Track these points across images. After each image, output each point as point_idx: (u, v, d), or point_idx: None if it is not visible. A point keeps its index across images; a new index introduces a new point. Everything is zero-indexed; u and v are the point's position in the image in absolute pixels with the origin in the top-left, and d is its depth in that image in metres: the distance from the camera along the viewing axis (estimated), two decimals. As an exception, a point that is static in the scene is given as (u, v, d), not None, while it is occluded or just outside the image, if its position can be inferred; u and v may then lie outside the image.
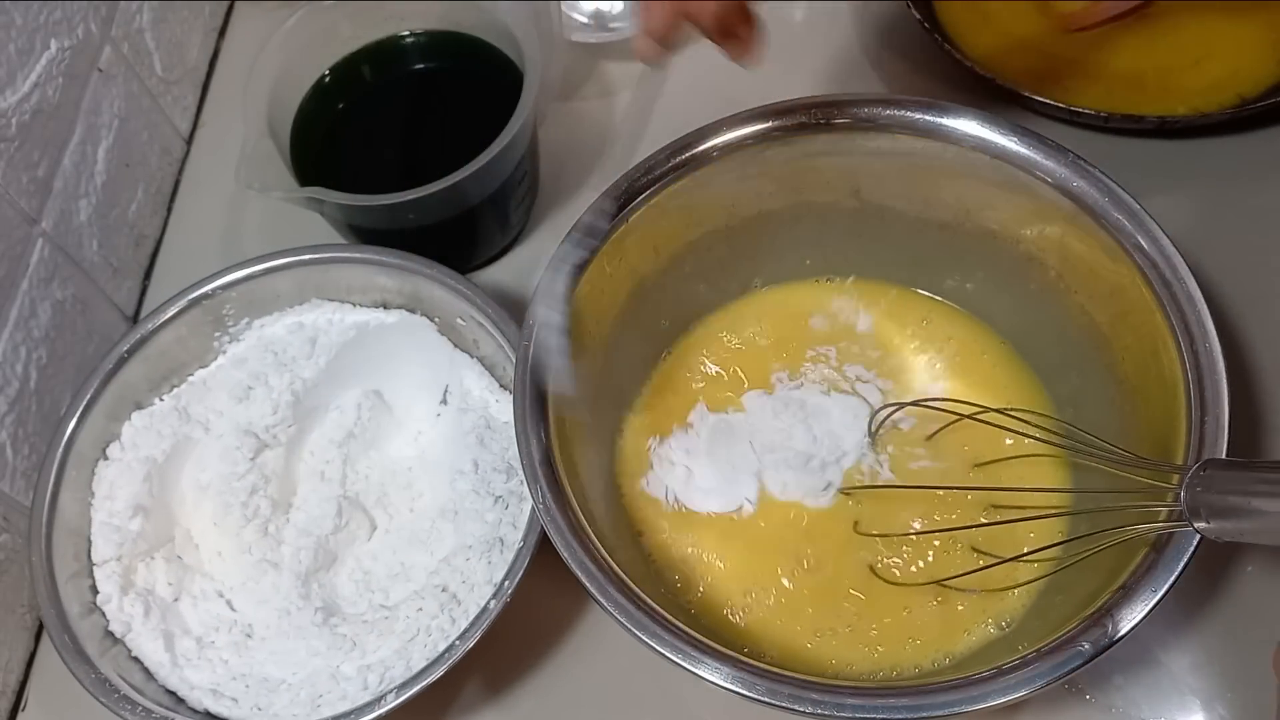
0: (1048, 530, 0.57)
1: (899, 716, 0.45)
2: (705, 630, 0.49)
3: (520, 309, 0.57)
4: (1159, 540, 0.48)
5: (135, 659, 0.58)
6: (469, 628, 0.54)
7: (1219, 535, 0.45)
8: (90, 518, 0.61)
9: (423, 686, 0.53)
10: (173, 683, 0.57)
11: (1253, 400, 0.63)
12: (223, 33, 0.87)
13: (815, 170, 0.61)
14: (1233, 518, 0.45)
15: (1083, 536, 0.53)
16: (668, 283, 0.63)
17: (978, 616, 0.56)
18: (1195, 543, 0.47)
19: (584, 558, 0.50)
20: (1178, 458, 0.50)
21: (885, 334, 0.65)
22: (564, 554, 0.50)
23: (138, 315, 0.76)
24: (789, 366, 0.65)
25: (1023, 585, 0.56)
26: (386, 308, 0.66)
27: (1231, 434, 0.49)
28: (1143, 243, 0.54)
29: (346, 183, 0.64)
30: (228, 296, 0.65)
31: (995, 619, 0.56)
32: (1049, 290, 0.60)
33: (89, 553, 0.60)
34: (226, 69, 0.85)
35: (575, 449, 0.56)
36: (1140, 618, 0.46)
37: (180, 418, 0.63)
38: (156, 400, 0.65)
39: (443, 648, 0.54)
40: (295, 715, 0.56)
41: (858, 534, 0.59)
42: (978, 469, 0.60)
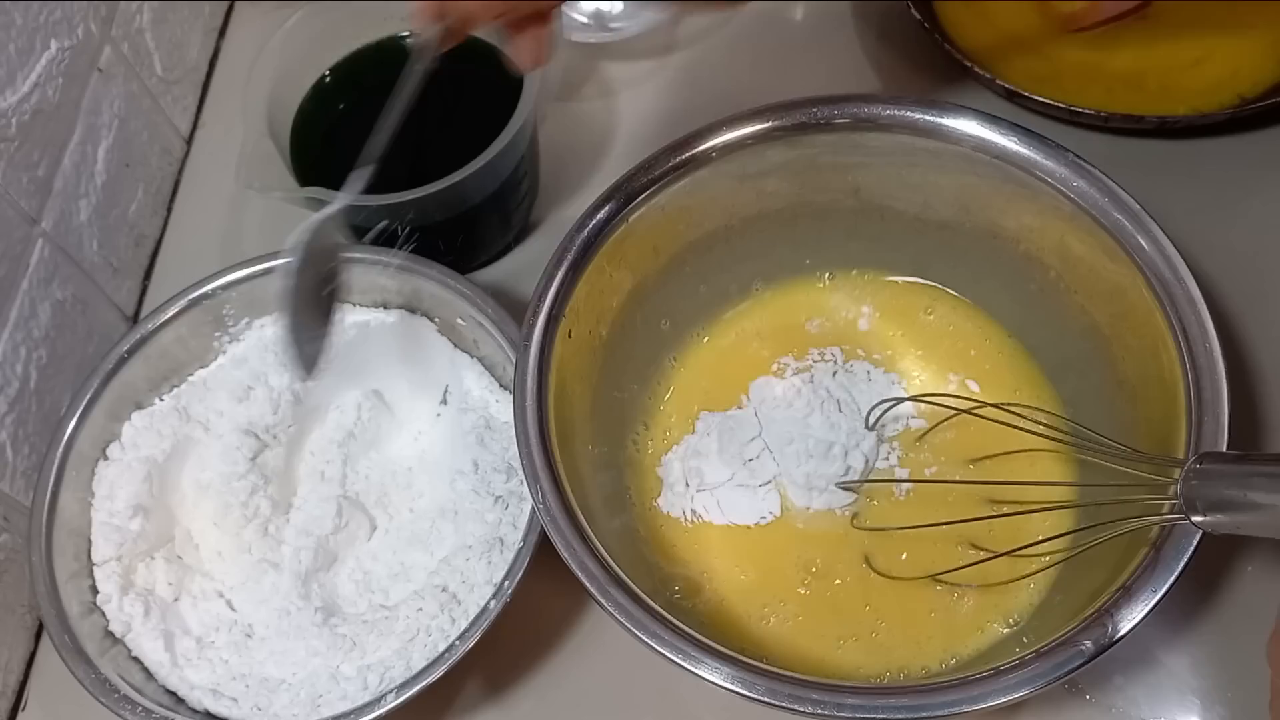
0: (1052, 525, 0.57)
1: (899, 716, 0.45)
2: (713, 635, 0.49)
3: (520, 309, 0.57)
4: (1159, 539, 0.48)
5: (135, 659, 0.58)
6: (469, 628, 0.54)
7: (1216, 528, 0.45)
8: (90, 518, 0.61)
9: (423, 686, 0.53)
10: (173, 683, 0.57)
11: (1252, 400, 0.63)
12: (223, 33, 0.87)
13: (815, 170, 0.61)
14: (1230, 510, 0.45)
15: (1085, 529, 0.53)
16: (668, 283, 0.63)
17: (985, 615, 0.56)
18: (1195, 542, 0.47)
19: (584, 558, 0.50)
20: (1179, 455, 0.50)
21: (886, 333, 0.65)
22: (564, 554, 0.50)
23: (138, 315, 0.76)
24: (795, 364, 0.65)
25: (1027, 577, 0.56)
26: (386, 308, 0.66)
27: (1231, 434, 0.49)
28: (1143, 243, 0.54)
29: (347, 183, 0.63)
30: (228, 296, 0.65)
31: (1003, 617, 0.56)
32: (1049, 290, 0.60)
33: (89, 553, 0.60)
34: (226, 69, 0.85)
35: (576, 449, 0.56)
36: (1140, 618, 0.46)
37: (180, 418, 0.63)
38: (156, 400, 0.64)
39: (443, 648, 0.54)
40: (295, 715, 0.56)
41: (861, 532, 0.59)
42: (977, 464, 0.60)
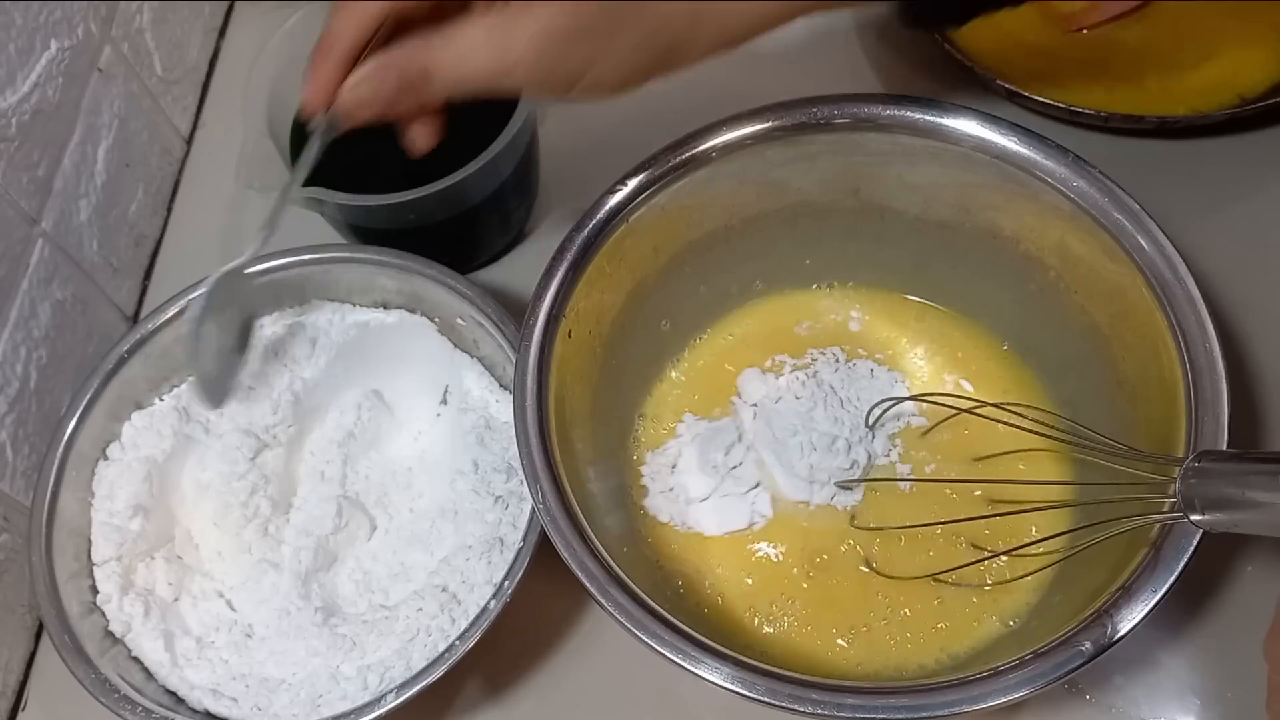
0: (1051, 524, 0.57)
1: (899, 716, 0.45)
2: (714, 635, 0.49)
3: (520, 309, 0.57)
4: (1159, 539, 0.48)
5: (135, 659, 0.58)
6: (469, 628, 0.54)
7: (1214, 527, 0.45)
8: (90, 518, 0.61)
9: (423, 686, 0.52)
10: (173, 683, 0.57)
11: (1252, 400, 0.63)
12: (223, 33, 0.87)
13: (815, 170, 0.61)
14: (1228, 509, 0.45)
15: (1084, 528, 0.53)
16: (668, 283, 0.63)
17: (984, 614, 0.56)
18: (1195, 542, 0.47)
19: (584, 558, 0.50)
20: (1178, 455, 0.50)
21: (886, 332, 0.65)
22: (564, 554, 0.50)
23: (138, 315, 0.76)
24: (794, 361, 0.65)
25: (1026, 577, 0.56)
26: (386, 308, 0.66)
27: (1231, 434, 0.49)
28: (1143, 243, 0.54)
29: (346, 183, 0.63)
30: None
31: (1002, 617, 0.56)
32: (1049, 290, 0.60)
33: (89, 553, 0.60)
34: (226, 69, 0.85)
35: (576, 449, 0.56)
36: (1140, 618, 0.46)
37: (180, 418, 0.63)
38: (156, 400, 0.64)
39: (443, 648, 0.54)
40: (295, 715, 0.56)
41: (859, 531, 0.59)
42: (977, 463, 0.60)
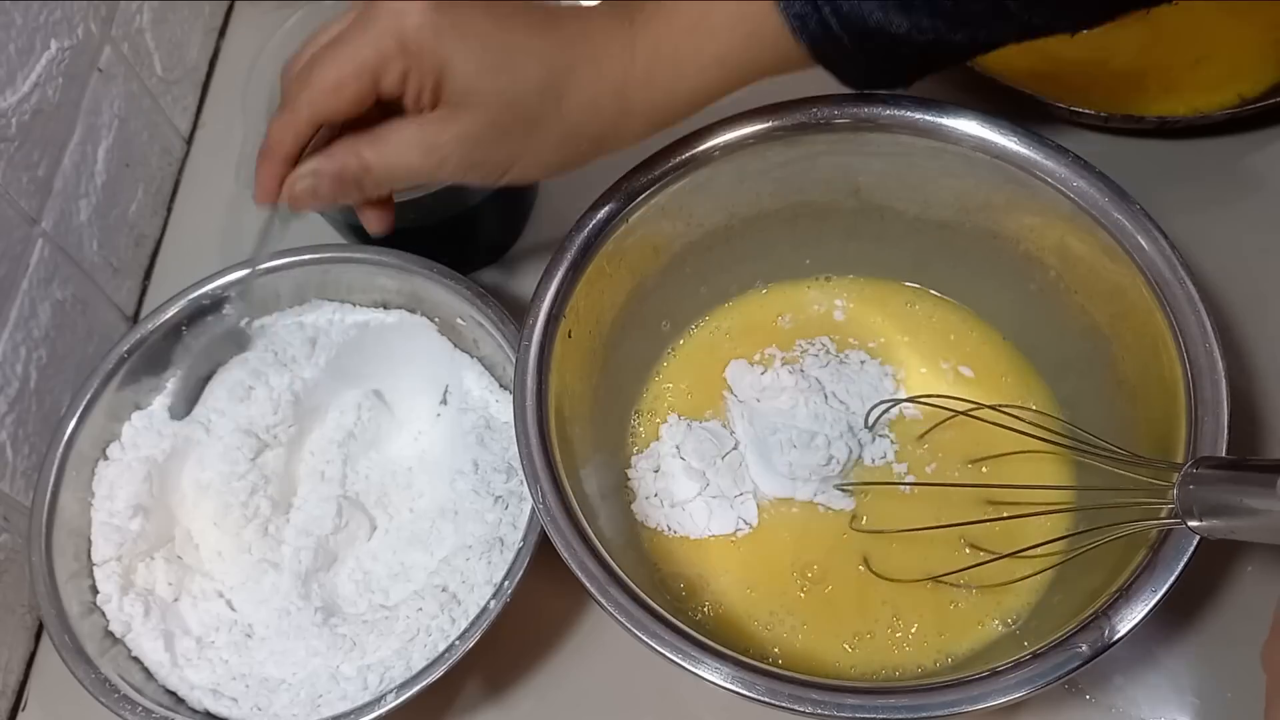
0: (1049, 527, 0.57)
1: (899, 716, 0.45)
2: (714, 635, 0.49)
3: (520, 309, 0.57)
4: (1158, 540, 0.48)
5: (135, 659, 0.58)
6: (469, 628, 0.54)
7: (1211, 533, 0.45)
8: (90, 518, 0.61)
9: (423, 686, 0.53)
10: (173, 683, 0.57)
11: (1252, 400, 0.63)
12: (223, 33, 0.87)
13: (815, 170, 0.61)
14: (1225, 515, 0.45)
15: (1082, 532, 0.53)
16: (668, 283, 0.63)
17: (984, 615, 0.56)
18: (1194, 543, 0.47)
19: (584, 558, 0.50)
20: (1177, 458, 0.50)
21: (887, 331, 0.65)
22: (564, 554, 0.50)
23: (138, 315, 0.76)
24: (786, 359, 0.65)
25: (1024, 579, 0.56)
26: (386, 308, 0.66)
27: (1231, 434, 0.49)
28: (1143, 243, 0.54)
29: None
30: (227, 296, 0.65)
31: (1001, 617, 0.56)
32: (1049, 290, 0.60)
33: (89, 553, 0.60)
34: (226, 69, 0.85)
35: (576, 449, 0.56)
36: (1139, 618, 0.46)
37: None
38: (156, 400, 0.64)
39: (443, 648, 0.54)
40: (295, 715, 0.56)
41: (858, 533, 0.59)
42: (975, 464, 0.60)
